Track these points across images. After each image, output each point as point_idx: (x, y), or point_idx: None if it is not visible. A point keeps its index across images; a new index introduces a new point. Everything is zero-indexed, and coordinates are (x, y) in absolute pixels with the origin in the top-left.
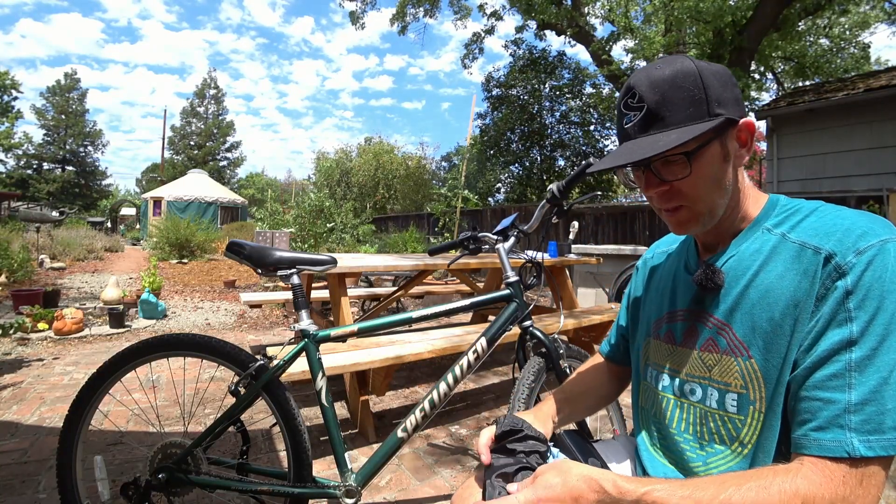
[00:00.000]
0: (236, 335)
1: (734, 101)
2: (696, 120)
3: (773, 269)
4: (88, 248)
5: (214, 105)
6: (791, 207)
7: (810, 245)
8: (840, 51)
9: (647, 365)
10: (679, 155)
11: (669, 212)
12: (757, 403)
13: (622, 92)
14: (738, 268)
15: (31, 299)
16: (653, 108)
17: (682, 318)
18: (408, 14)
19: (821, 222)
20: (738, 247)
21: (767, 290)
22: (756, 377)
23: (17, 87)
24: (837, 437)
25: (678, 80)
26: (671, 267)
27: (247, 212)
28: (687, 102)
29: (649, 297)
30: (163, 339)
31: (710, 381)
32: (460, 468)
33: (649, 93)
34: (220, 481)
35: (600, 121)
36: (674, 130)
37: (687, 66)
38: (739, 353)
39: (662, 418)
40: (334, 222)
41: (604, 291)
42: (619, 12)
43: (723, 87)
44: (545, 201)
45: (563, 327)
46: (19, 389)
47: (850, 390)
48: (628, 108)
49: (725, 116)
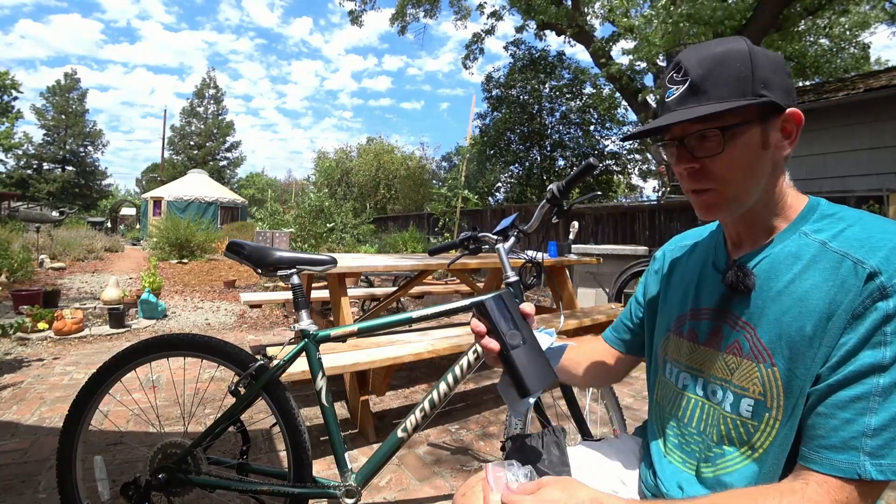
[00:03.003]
0: (236, 335)
1: (784, 88)
2: (738, 97)
3: (810, 278)
4: (88, 248)
5: (214, 105)
6: (833, 214)
7: (852, 257)
8: (840, 51)
9: (666, 361)
10: (714, 130)
11: (697, 193)
12: (773, 411)
13: (668, 67)
14: (770, 271)
15: (31, 299)
16: (696, 81)
17: (706, 316)
18: (407, 14)
19: (867, 234)
20: (772, 248)
21: (801, 299)
22: (776, 385)
23: (17, 87)
24: (851, 460)
25: (726, 57)
26: (696, 262)
27: (247, 212)
28: (731, 79)
29: (670, 291)
30: (163, 339)
31: (730, 384)
32: (460, 468)
33: (695, 67)
34: (220, 481)
35: (600, 121)
36: (714, 104)
37: (739, 45)
38: (762, 360)
39: (682, 417)
40: (334, 222)
41: (604, 291)
42: (619, 12)
43: (773, 71)
44: (545, 201)
45: (563, 327)
46: (19, 389)
47: (872, 415)
48: (672, 82)
49: (770, 99)
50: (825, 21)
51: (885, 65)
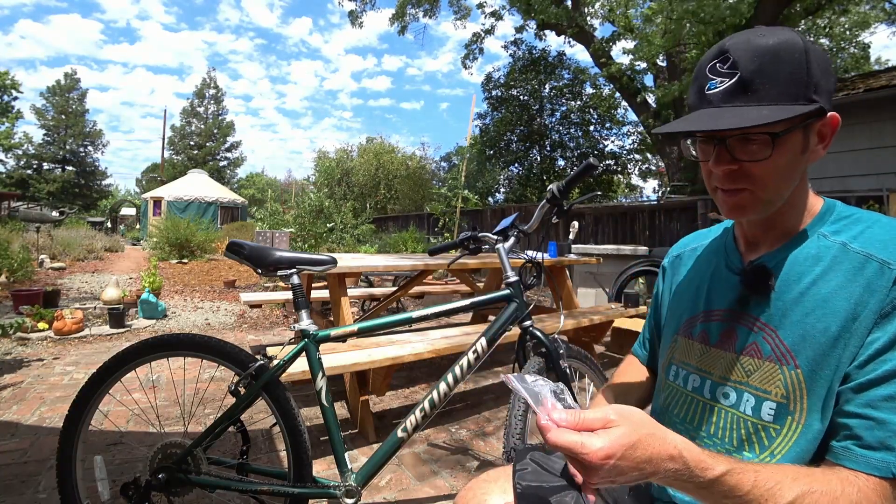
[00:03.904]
0: (236, 335)
1: (828, 91)
2: (791, 101)
3: (833, 279)
4: (88, 248)
5: (214, 105)
6: (851, 215)
7: (877, 258)
8: (840, 51)
9: (672, 363)
10: (763, 134)
11: (729, 192)
12: (796, 414)
13: (711, 53)
14: (790, 272)
15: (31, 299)
16: (747, 77)
17: (719, 318)
18: (407, 14)
19: (889, 235)
20: (789, 250)
21: (825, 300)
22: (800, 388)
23: (16, 87)
24: (886, 458)
25: (782, 53)
26: (707, 264)
27: (247, 212)
28: (786, 79)
29: (680, 294)
30: (163, 339)
31: (747, 386)
32: (460, 468)
33: (747, 60)
34: (220, 481)
35: (600, 121)
36: (766, 107)
37: (795, 39)
38: (785, 362)
39: (691, 421)
40: (334, 222)
41: (604, 291)
42: (619, 12)
43: (824, 73)
44: (545, 201)
45: (563, 327)
46: (19, 389)
47: None
48: (715, 73)
49: (819, 105)
50: (825, 21)
51: (885, 65)
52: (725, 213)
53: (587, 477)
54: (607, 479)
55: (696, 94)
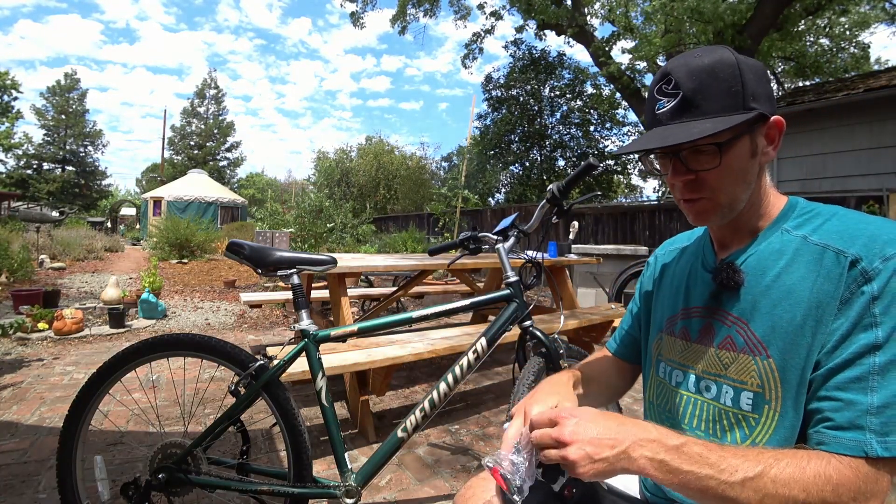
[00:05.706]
0: (236, 335)
1: (767, 97)
2: (731, 111)
3: (796, 271)
4: (88, 248)
5: (214, 105)
6: (811, 210)
7: (833, 248)
8: (840, 51)
9: (660, 360)
10: (710, 145)
11: (689, 202)
12: (772, 403)
13: (656, 77)
14: (757, 267)
15: (31, 299)
16: (689, 95)
17: (697, 314)
18: (408, 14)
19: (844, 226)
20: (756, 246)
21: (790, 291)
22: (773, 377)
23: (16, 87)
24: (857, 438)
25: (717, 70)
26: (686, 264)
27: (247, 212)
28: (724, 93)
29: (662, 293)
30: (163, 339)
31: (725, 378)
32: (460, 468)
33: (686, 80)
34: (220, 481)
35: (600, 121)
36: (708, 120)
37: (727, 56)
38: (757, 352)
39: (675, 414)
40: (334, 222)
41: (604, 291)
42: (619, 12)
43: (758, 81)
44: (545, 201)
45: (563, 327)
46: (19, 389)
47: (872, 393)
48: (662, 94)
49: (759, 111)
50: (825, 21)
51: (885, 65)
52: (691, 221)
53: (568, 460)
54: (586, 458)
55: (649, 114)
